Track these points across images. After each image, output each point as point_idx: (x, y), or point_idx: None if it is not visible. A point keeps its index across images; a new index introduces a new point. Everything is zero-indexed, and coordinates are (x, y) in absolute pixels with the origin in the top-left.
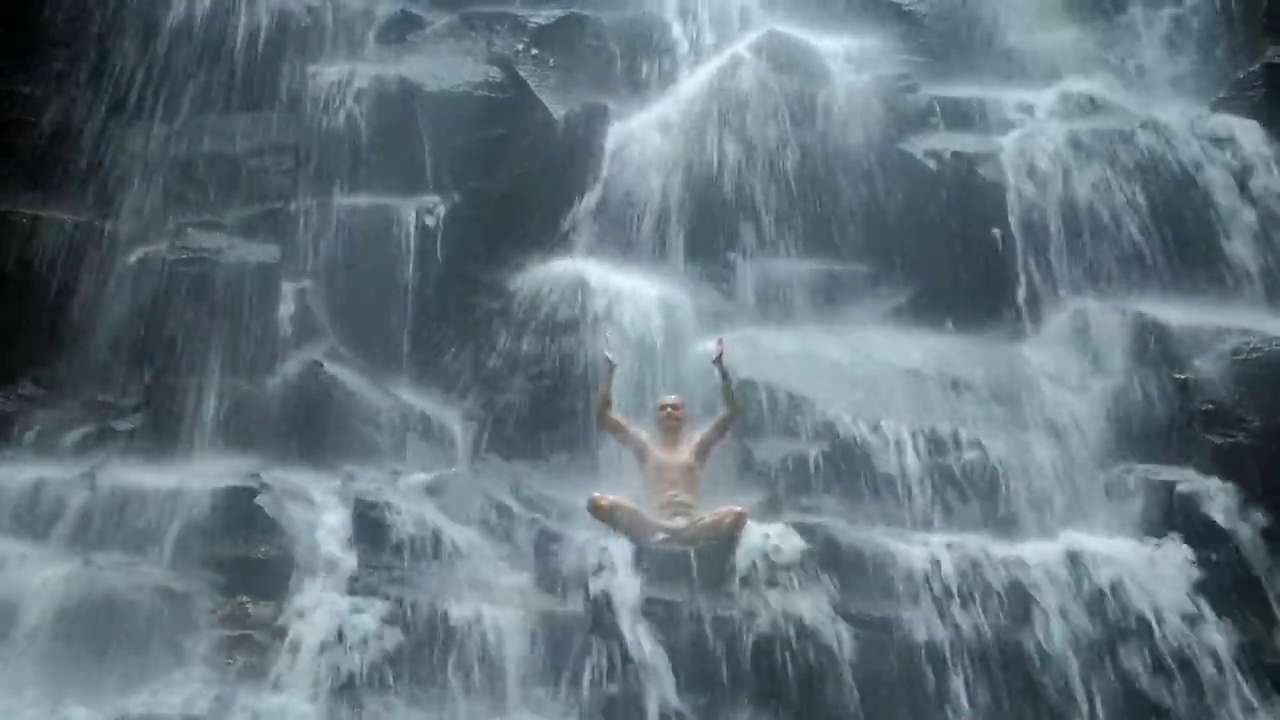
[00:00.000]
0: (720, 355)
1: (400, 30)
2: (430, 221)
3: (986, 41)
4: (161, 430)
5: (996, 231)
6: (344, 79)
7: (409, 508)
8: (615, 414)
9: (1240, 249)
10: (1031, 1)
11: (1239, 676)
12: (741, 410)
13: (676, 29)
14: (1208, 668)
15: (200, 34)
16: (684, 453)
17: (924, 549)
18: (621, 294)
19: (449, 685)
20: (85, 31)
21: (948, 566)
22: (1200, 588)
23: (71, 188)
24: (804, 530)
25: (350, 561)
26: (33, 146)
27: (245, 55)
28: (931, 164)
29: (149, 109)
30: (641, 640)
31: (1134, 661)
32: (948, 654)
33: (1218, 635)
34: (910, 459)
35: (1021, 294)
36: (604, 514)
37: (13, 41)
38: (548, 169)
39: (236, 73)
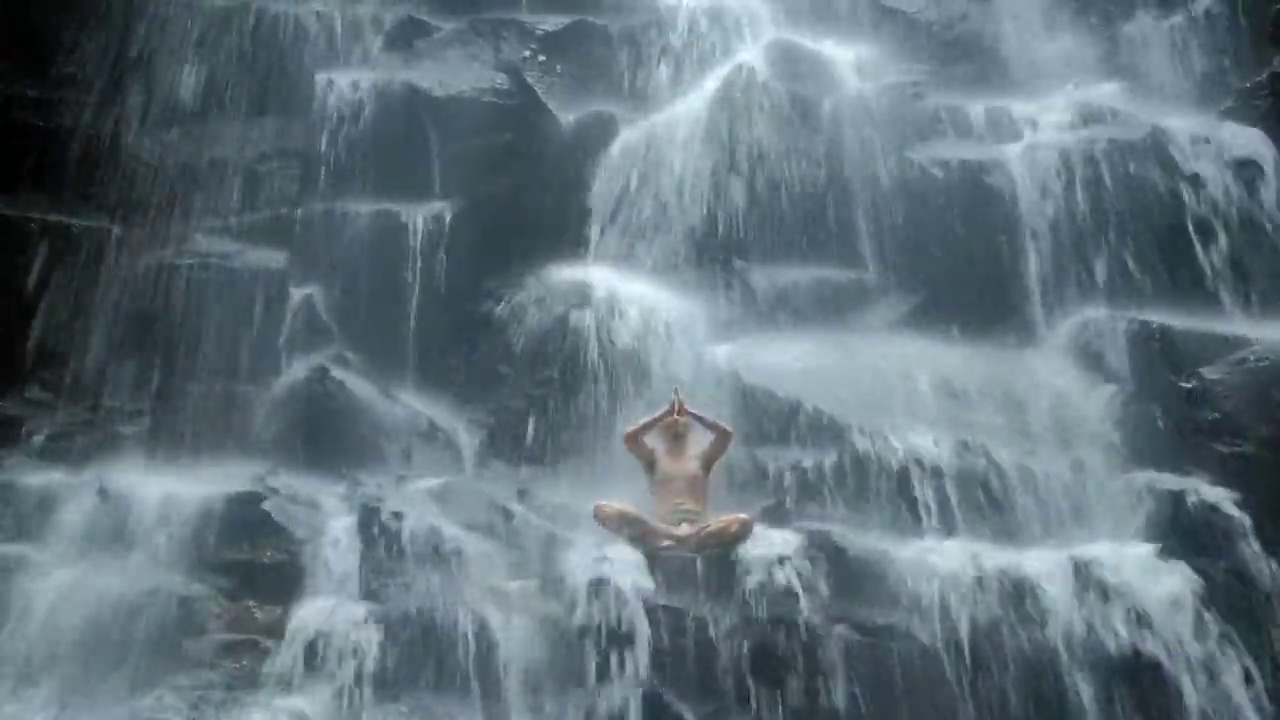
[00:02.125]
0: (682, 408)
1: (408, 36)
2: (437, 227)
3: (994, 50)
4: (168, 435)
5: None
6: (351, 85)
7: (415, 513)
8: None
9: (1247, 258)
10: (1039, 10)
11: (1243, 686)
12: (729, 432)
13: (684, 36)
14: (1212, 677)
15: (210, 40)
16: (690, 461)
17: (930, 557)
18: (628, 301)
19: (454, 691)
20: (94, 36)
21: (954, 574)
22: (1205, 597)
23: (79, 192)
24: (810, 537)
25: (356, 567)
26: (41, 151)
27: (254, 61)
28: (938, 172)
29: (157, 114)
30: (647, 647)
31: (1138, 670)
32: (953, 661)
33: (1222, 644)
34: (916, 467)
35: (1028, 302)
36: (610, 521)
37: (22, 46)
38: (554, 175)
39: (245, 78)
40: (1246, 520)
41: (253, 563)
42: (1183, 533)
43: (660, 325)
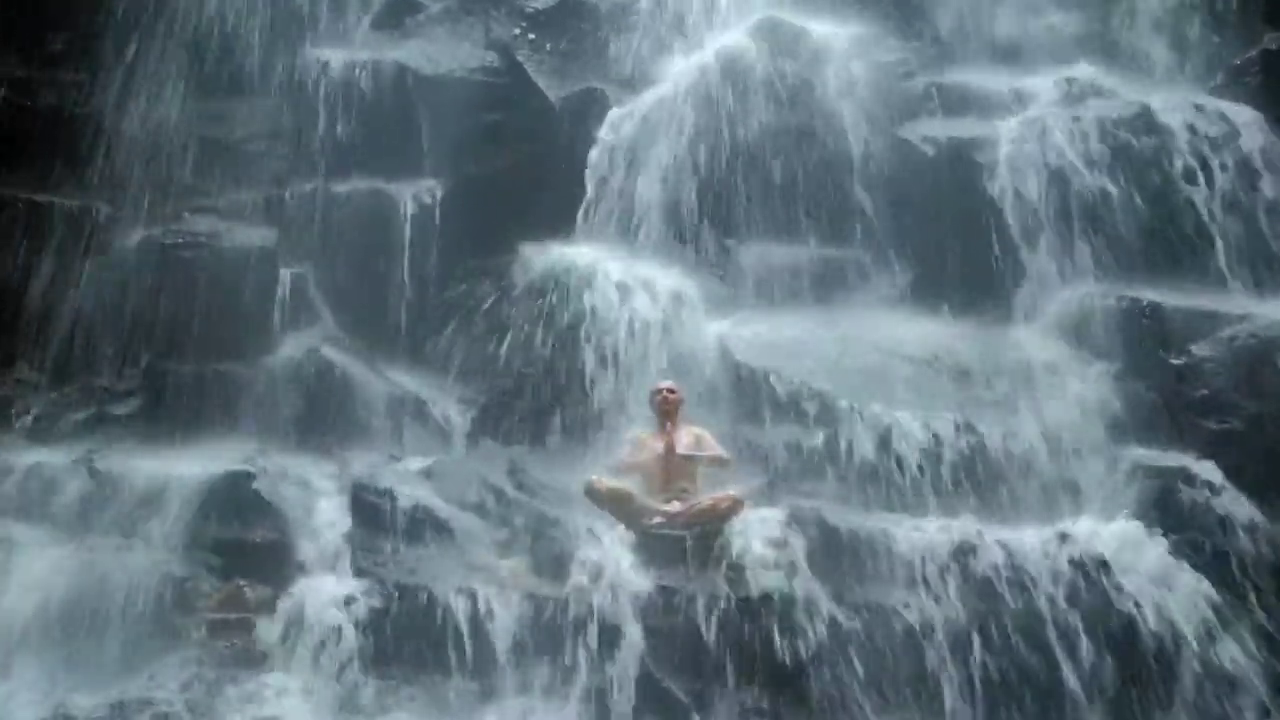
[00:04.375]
0: (671, 449)
1: (397, 15)
2: (427, 206)
3: (984, 27)
4: (158, 415)
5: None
6: (341, 64)
7: (406, 492)
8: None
9: (1237, 235)
10: None
11: (1231, 660)
12: (729, 460)
13: (674, 14)
14: (1200, 651)
15: (198, 18)
16: (682, 440)
17: (920, 534)
18: (618, 279)
19: (444, 668)
20: (82, 14)
21: (944, 551)
22: (1194, 573)
23: (67, 172)
24: (801, 515)
25: (347, 546)
26: (29, 130)
27: (242, 40)
28: (929, 150)
29: (146, 93)
30: (636, 624)
31: (1128, 645)
32: (944, 638)
33: (1211, 619)
34: (907, 444)
35: (1017, 279)
36: (601, 498)
37: (8, 24)
38: (544, 154)
39: (233, 57)
40: (1236, 496)
41: (244, 542)
42: (1172, 509)
43: (650, 303)
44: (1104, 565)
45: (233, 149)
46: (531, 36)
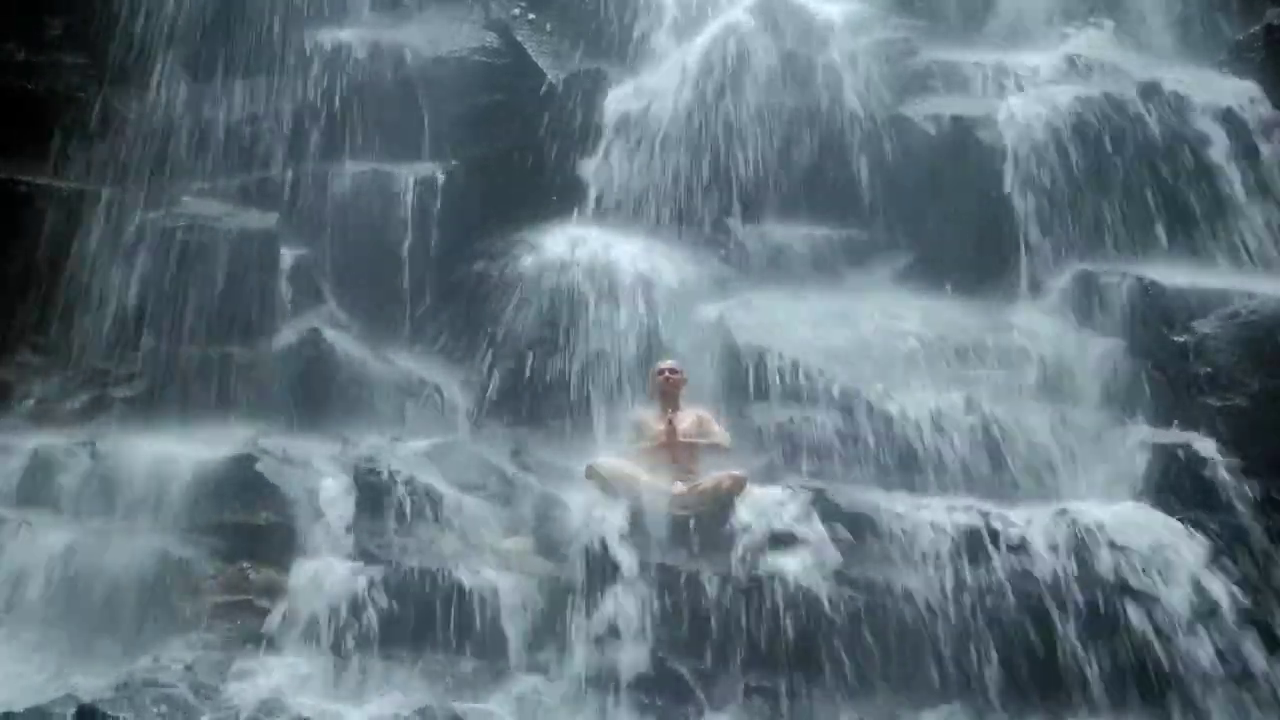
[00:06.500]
0: (672, 436)
1: None
2: (429, 188)
3: (986, 4)
4: (161, 397)
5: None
6: (340, 45)
7: (409, 474)
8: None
9: (1240, 211)
10: None
11: (1236, 638)
12: (727, 447)
13: None
14: (1205, 629)
15: (197, 0)
16: (683, 421)
17: (924, 513)
18: (621, 259)
19: (448, 649)
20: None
21: (947, 530)
22: (1198, 551)
23: (68, 155)
24: (803, 494)
25: (350, 527)
26: (29, 113)
27: (242, 22)
28: (931, 128)
29: (146, 76)
30: (640, 604)
31: (1132, 624)
32: (947, 616)
33: (1215, 597)
34: (909, 423)
35: (1021, 258)
36: (603, 480)
37: (8, 7)
38: (545, 134)
39: (233, 40)
40: (1240, 474)
41: (247, 524)
42: (1176, 487)
43: (653, 284)
44: (1108, 544)
45: (233, 131)
46: (531, 16)
